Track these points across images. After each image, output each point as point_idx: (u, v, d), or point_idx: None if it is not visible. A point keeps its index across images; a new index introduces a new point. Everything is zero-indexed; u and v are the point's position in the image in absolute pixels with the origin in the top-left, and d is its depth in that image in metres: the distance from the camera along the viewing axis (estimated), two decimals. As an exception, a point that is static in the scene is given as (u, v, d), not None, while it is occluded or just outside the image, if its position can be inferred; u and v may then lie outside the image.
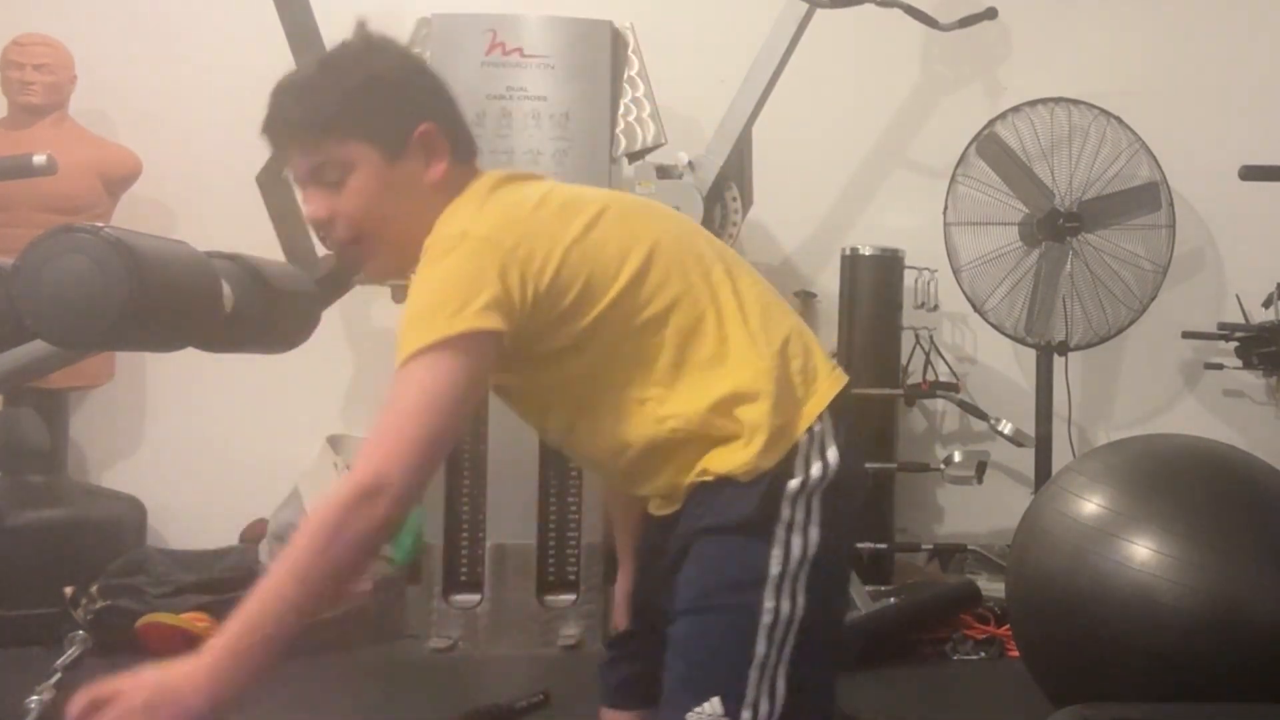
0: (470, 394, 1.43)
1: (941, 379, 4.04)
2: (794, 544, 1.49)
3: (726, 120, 3.67)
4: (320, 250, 3.66)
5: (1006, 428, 3.82)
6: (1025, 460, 3.93)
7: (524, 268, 1.44)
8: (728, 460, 1.50)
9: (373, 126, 1.53)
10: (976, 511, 4.19)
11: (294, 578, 1.34)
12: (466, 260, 1.43)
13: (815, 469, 1.52)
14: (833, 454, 1.53)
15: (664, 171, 3.63)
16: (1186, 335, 4.08)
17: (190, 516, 4.15)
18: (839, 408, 1.57)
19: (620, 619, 1.89)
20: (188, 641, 3.38)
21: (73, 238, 2.27)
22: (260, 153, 3.64)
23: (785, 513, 1.49)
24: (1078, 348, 3.85)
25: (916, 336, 4.04)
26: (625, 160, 3.67)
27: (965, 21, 3.99)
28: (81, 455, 4.23)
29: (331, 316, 3.58)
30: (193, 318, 2.53)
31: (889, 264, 3.95)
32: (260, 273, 2.72)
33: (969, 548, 3.94)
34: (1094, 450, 2.95)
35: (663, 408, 1.52)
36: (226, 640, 1.34)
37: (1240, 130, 4.21)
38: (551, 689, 2.99)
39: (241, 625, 1.34)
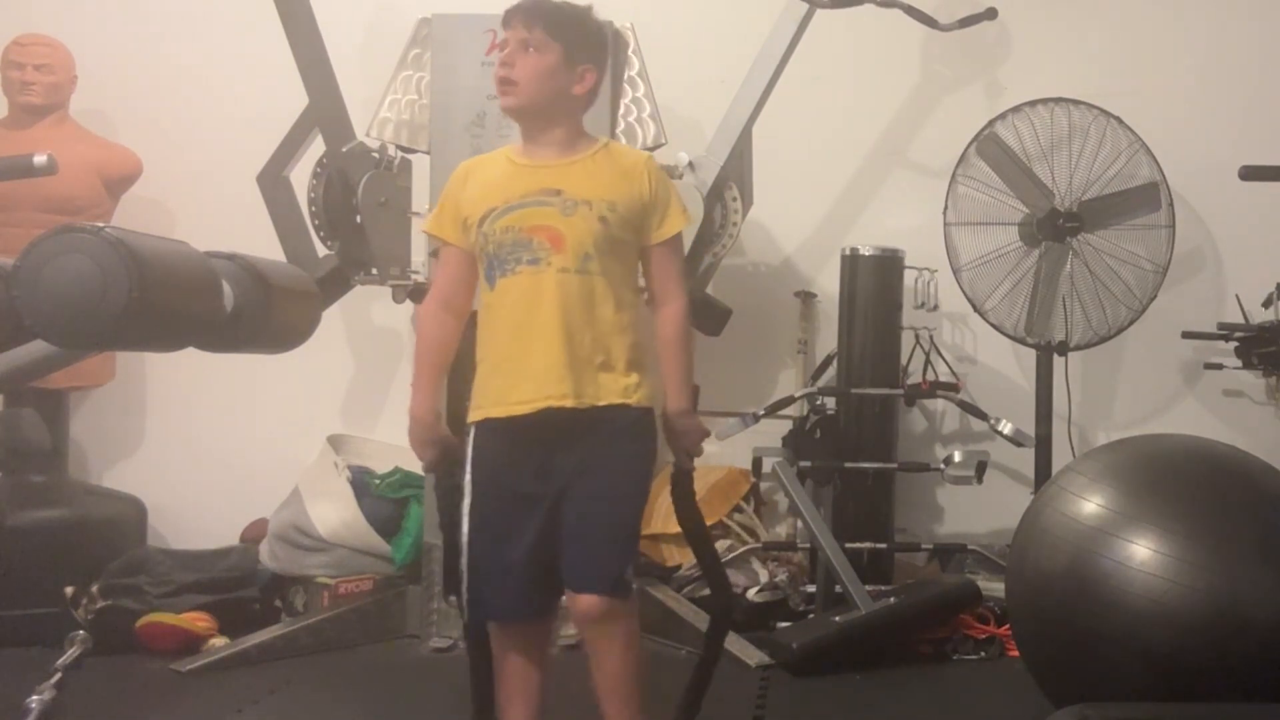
0: None
1: (941, 379, 4.03)
2: None
3: (726, 120, 3.67)
4: (320, 250, 3.66)
5: (1006, 428, 3.81)
6: (1025, 460, 3.93)
7: None
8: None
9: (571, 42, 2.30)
10: (976, 511, 4.18)
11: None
12: None
13: None
14: None
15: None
16: (1186, 335, 4.07)
17: (190, 516, 4.15)
18: None
19: None
20: (188, 641, 3.39)
21: (73, 238, 2.27)
22: (260, 153, 3.69)
23: None
24: (1078, 348, 3.85)
25: (916, 336, 4.03)
26: (625, 160, 3.67)
27: (965, 21, 3.99)
28: (82, 455, 4.23)
29: (331, 316, 3.59)
30: (193, 318, 2.53)
31: (889, 264, 3.94)
32: (260, 273, 2.71)
33: (969, 548, 3.94)
34: (1094, 450, 2.95)
35: None
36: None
37: (1240, 130, 4.20)
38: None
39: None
